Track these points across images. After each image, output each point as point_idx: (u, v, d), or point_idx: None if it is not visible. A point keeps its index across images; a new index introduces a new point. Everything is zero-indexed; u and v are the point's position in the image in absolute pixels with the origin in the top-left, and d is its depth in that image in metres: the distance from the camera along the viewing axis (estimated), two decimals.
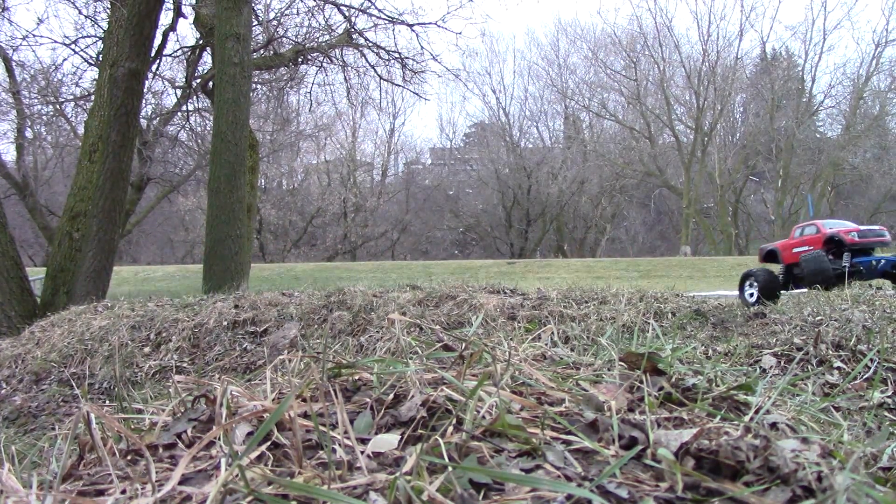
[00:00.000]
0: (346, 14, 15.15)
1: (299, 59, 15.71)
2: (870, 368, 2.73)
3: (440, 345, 1.69)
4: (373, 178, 40.56)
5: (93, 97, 11.34)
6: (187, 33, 35.91)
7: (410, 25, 15.19)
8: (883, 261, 9.26)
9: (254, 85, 15.37)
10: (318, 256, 35.53)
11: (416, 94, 16.76)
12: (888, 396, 2.41)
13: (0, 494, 0.89)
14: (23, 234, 25.24)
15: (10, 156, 21.39)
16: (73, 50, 14.65)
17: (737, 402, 1.38)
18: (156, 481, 0.88)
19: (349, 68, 16.29)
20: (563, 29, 39.16)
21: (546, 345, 2.09)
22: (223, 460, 0.94)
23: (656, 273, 18.18)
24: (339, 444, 0.98)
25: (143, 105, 14.04)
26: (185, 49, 16.05)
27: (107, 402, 4.67)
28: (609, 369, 1.55)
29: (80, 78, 16.26)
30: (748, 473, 0.89)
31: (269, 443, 1.03)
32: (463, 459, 0.94)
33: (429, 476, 0.85)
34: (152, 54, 12.15)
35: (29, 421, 4.82)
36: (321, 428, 0.99)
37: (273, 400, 1.21)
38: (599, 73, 35.08)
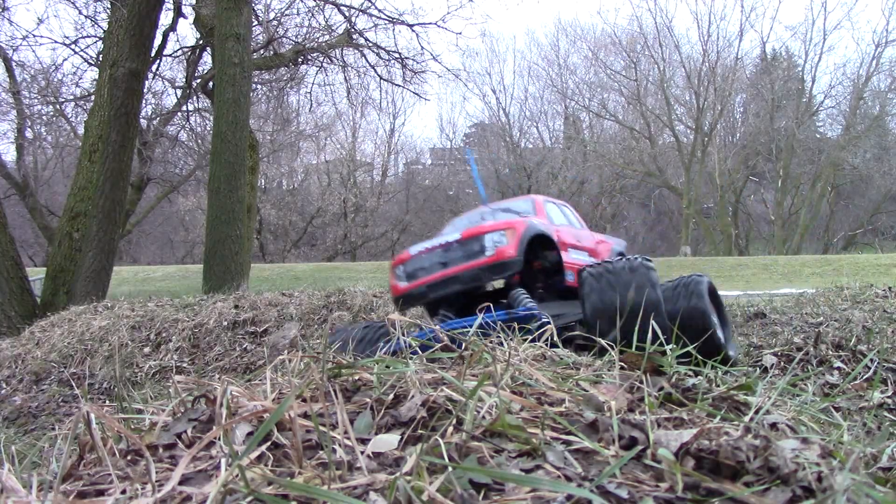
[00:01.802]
0: (346, 14, 15.14)
1: (299, 60, 15.70)
2: (870, 369, 2.73)
3: (440, 345, 1.69)
4: (373, 178, 40.55)
5: (93, 97, 11.34)
6: (187, 33, 35.90)
7: (410, 25, 15.19)
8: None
9: (254, 85, 15.37)
10: (318, 256, 35.53)
11: (416, 94, 16.75)
12: (888, 397, 2.41)
13: (0, 494, 0.89)
14: (23, 234, 25.22)
15: (10, 156, 21.40)
16: (73, 50, 14.63)
17: (737, 402, 1.38)
18: (156, 481, 0.88)
19: (349, 68, 16.29)
20: (563, 29, 39.14)
21: (546, 345, 2.08)
22: (223, 460, 0.93)
23: None
24: (339, 444, 0.98)
25: (143, 105, 14.05)
26: (185, 49, 16.04)
27: (107, 402, 4.67)
28: (609, 369, 1.55)
29: (80, 78, 16.21)
30: (748, 473, 0.89)
31: (269, 443, 1.03)
32: (463, 459, 0.94)
33: (429, 476, 0.85)
34: (152, 54, 12.14)
35: (29, 421, 4.82)
36: (321, 428, 0.99)
37: (273, 400, 1.20)
38: (599, 74, 35.08)
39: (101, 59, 11.40)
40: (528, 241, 3.14)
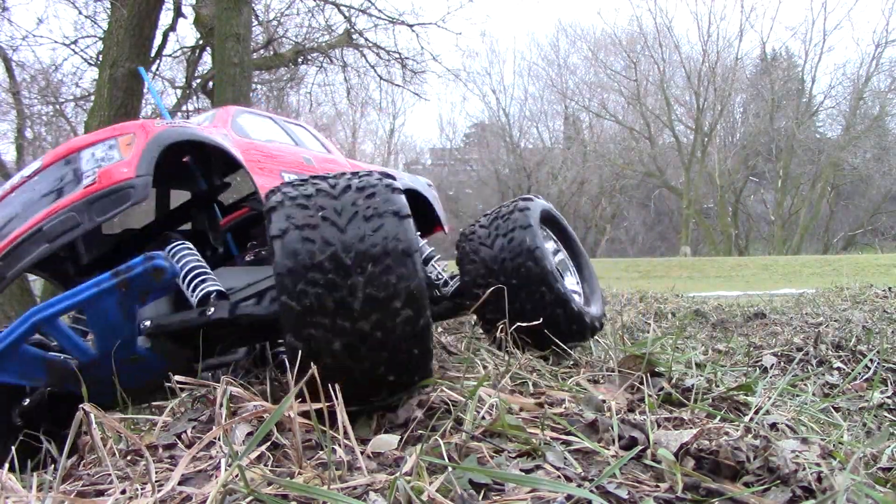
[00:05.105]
0: (346, 14, 15.14)
1: (299, 60, 15.71)
2: (870, 369, 2.73)
3: (440, 346, 1.68)
4: None
5: (93, 97, 11.34)
6: (187, 33, 35.85)
7: (410, 26, 15.19)
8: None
9: (254, 85, 15.37)
10: None
11: (417, 94, 16.72)
12: (888, 397, 2.41)
13: (0, 494, 0.89)
14: None
15: (10, 156, 21.38)
16: (73, 50, 14.60)
17: (737, 403, 1.38)
18: (156, 481, 0.88)
19: (349, 68, 16.28)
20: (564, 29, 39.10)
21: None
22: (223, 460, 0.93)
23: (656, 273, 18.18)
24: (339, 444, 0.98)
25: (143, 105, 14.04)
26: (185, 49, 16.04)
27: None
28: (609, 370, 1.55)
29: (80, 78, 16.20)
30: (748, 474, 0.89)
31: (269, 443, 1.03)
32: (463, 460, 0.94)
33: (429, 476, 0.85)
34: (152, 54, 12.15)
35: None
36: (321, 428, 0.99)
37: (273, 400, 1.20)
38: (599, 74, 35.05)
39: (101, 59, 11.40)
40: (161, 152, 1.90)
